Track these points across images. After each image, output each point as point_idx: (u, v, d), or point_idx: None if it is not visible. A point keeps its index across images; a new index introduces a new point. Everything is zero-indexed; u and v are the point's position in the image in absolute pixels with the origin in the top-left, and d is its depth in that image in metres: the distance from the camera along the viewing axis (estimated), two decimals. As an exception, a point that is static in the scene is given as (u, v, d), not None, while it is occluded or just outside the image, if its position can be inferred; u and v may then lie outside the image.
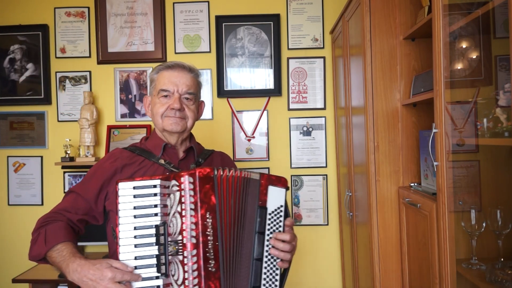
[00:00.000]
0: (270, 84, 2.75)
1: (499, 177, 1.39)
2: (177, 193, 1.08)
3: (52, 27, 2.83)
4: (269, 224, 1.16)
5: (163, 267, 1.05)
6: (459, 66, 1.39)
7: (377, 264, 1.81)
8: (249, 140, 2.79)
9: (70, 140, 2.70)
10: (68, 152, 2.66)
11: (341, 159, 2.58)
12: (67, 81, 2.83)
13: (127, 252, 1.06)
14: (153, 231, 1.07)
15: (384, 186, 1.81)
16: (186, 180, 1.08)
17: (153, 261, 1.06)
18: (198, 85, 1.42)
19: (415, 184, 1.78)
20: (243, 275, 1.12)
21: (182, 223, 1.06)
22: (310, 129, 2.79)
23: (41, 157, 2.84)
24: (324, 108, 2.78)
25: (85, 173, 2.80)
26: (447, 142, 1.33)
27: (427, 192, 1.57)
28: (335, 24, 2.53)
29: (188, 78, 1.36)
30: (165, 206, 1.10)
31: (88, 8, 2.82)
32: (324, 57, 2.77)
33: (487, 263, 1.29)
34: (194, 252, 1.05)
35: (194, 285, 1.03)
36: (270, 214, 1.17)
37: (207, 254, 1.06)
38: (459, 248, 1.38)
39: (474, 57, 1.38)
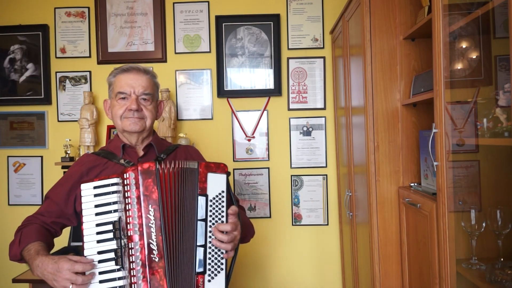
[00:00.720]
0: (270, 84, 2.75)
1: (499, 177, 1.39)
2: (122, 188, 1.16)
3: (52, 27, 2.83)
4: (211, 211, 1.20)
5: (119, 260, 1.12)
6: (459, 66, 1.39)
7: (377, 264, 1.81)
8: (249, 140, 2.79)
9: (70, 140, 2.70)
10: (68, 152, 2.66)
11: (341, 159, 2.58)
12: (67, 81, 2.83)
13: (90, 248, 1.14)
14: (111, 227, 1.14)
15: (384, 186, 1.81)
16: (129, 175, 1.15)
17: (112, 255, 1.13)
18: (154, 86, 1.47)
19: (415, 184, 1.78)
20: (187, 262, 1.17)
21: (127, 216, 1.13)
22: (310, 129, 2.79)
23: (41, 157, 2.84)
24: (324, 108, 2.78)
25: (85, 173, 2.81)
26: (447, 142, 1.33)
27: (427, 192, 1.57)
28: (335, 24, 2.53)
29: (144, 79, 1.42)
30: (122, 202, 1.17)
31: (88, 8, 2.82)
32: (324, 57, 2.77)
33: (487, 263, 1.29)
34: (139, 243, 1.12)
35: (140, 274, 1.11)
36: (211, 200, 1.20)
37: (151, 245, 1.12)
38: (459, 248, 1.38)
39: (474, 57, 1.38)
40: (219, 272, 1.19)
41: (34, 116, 2.85)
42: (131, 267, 1.11)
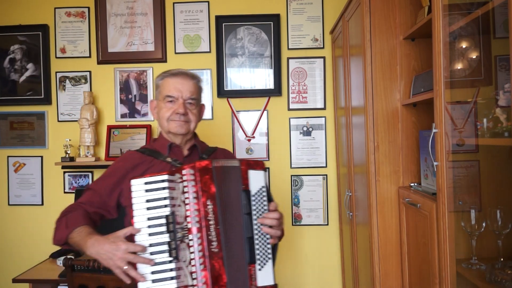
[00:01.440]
0: (270, 84, 2.75)
1: (499, 177, 1.39)
2: (181, 184, 1.20)
3: (52, 27, 2.83)
4: (254, 205, 1.27)
5: (174, 252, 1.15)
6: (459, 66, 1.39)
7: (377, 264, 1.81)
8: (249, 140, 2.79)
9: (70, 140, 2.70)
10: (68, 152, 2.66)
11: (341, 159, 2.59)
12: (67, 81, 2.83)
13: (142, 241, 1.17)
14: (163, 220, 1.17)
15: (384, 186, 1.81)
16: (187, 172, 1.20)
17: (166, 247, 1.16)
18: (199, 91, 1.54)
19: (415, 184, 1.78)
20: (239, 253, 1.23)
21: (186, 210, 1.18)
22: (310, 129, 2.79)
23: (41, 157, 2.84)
24: (324, 108, 2.78)
25: (85, 173, 2.81)
26: (447, 142, 1.33)
27: (427, 192, 1.57)
28: (335, 24, 2.53)
29: (191, 84, 1.48)
30: (173, 197, 1.20)
31: (88, 8, 2.82)
32: (324, 57, 2.77)
33: (487, 263, 1.29)
34: (198, 235, 1.17)
35: (200, 264, 1.15)
36: (253, 195, 1.28)
37: (209, 237, 1.17)
38: (459, 248, 1.38)
39: (474, 57, 1.38)
40: (267, 261, 1.26)
41: (34, 116, 2.85)
42: (191, 257, 1.16)
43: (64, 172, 2.82)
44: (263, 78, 2.76)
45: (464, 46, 1.39)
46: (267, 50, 2.76)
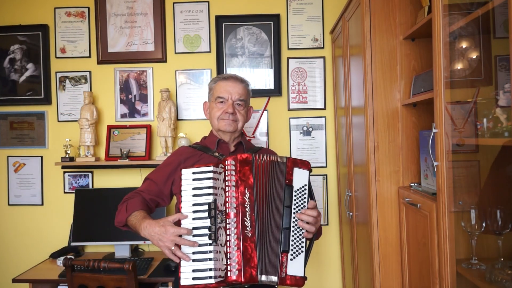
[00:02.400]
0: (270, 84, 2.75)
1: (499, 177, 1.39)
2: (222, 174, 1.32)
3: (52, 27, 2.83)
4: (295, 200, 1.37)
5: (213, 235, 1.28)
6: (459, 66, 1.39)
7: (377, 264, 1.81)
8: (249, 140, 2.78)
9: (70, 140, 2.70)
10: (68, 152, 2.66)
11: (341, 159, 2.58)
12: (67, 81, 2.83)
13: (186, 224, 1.31)
14: (206, 207, 1.30)
15: (384, 186, 1.81)
16: (229, 162, 1.31)
17: (206, 231, 1.29)
18: (248, 93, 1.70)
19: (415, 184, 1.78)
20: (273, 241, 1.32)
21: (226, 196, 1.29)
22: (310, 129, 2.79)
23: (41, 157, 2.84)
24: (324, 108, 2.78)
25: (85, 173, 2.82)
26: (447, 142, 1.33)
27: (427, 192, 1.57)
28: (335, 24, 2.53)
29: (240, 87, 1.65)
30: (216, 187, 1.33)
31: (88, 8, 2.82)
32: (324, 57, 2.77)
33: (487, 263, 1.29)
34: (235, 219, 1.27)
35: (234, 246, 1.25)
36: (295, 191, 1.38)
37: (245, 222, 1.28)
38: (459, 248, 1.38)
39: (474, 57, 1.38)
40: (300, 253, 1.35)
41: (34, 116, 2.85)
42: (227, 239, 1.26)
43: (64, 172, 2.82)
44: (263, 78, 2.76)
45: (464, 46, 1.39)
46: (267, 50, 2.76)
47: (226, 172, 1.30)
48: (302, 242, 1.37)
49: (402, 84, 1.80)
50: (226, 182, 1.30)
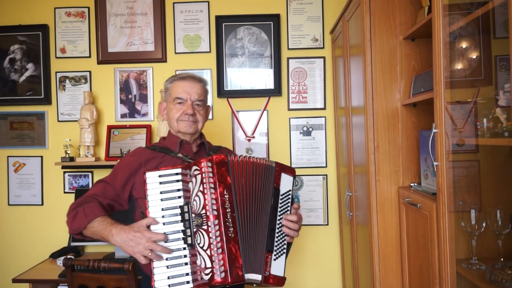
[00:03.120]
0: (270, 84, 2.75)
1: (499, 177, 1.39)
2: (199, 176, 1.27)
3: (52, 27, 2.83)
4: (281, 203, 1.39)
5: (189, 239, 1.25)
6: (459, 66, 1.39)
7: (377, 264, 1.81)
8: (249, 140, 2.79)
9: (70, 140, 2.70)
10: (68, 152, 2.66)
11: (341, 159, 2.58)
12: (67, 81, 2.83)
13: (157, 229, 1.26)
14: (178, 210, 1.27)
15: (384, 186, 1.81)
16: (205, 164, 1.28)
17: (180, 235, 1.26)
18: (206, 93, 1.66)
19: (415, 184, 1.78)
20: (258, 239, 1.31)
21: (205, 199, 1.25)
22: (310, 129, 2.79)
23: (41, 157, 2.84)
24: (324, 108, 2.78)
25: (85, 173, 2.81)
26: (447, 142, 1.33)
27: (427, 192, 1.57)
28: (335, 24, 2.53)
29: (198, 87, 1.60)
30: (187, 189, 1.29)
31: (88, 8, 2.82)
32: (324, 57, 2.77)
33: (487, 263, 1.29)
34: (216, 221, 1.24)
35: (218, 248, 1.22)
36: (282, 195, 1.40)
37: (227, 223, 1.25)
38: (459, 248, 1.38)
39: (474, 57, 1.38)
40: (282, 254, 1.36)
41: (34, 116, 2.85)
42: (210, 242, 1.22)
43: (64, 172, 2.82)
44: (263, 78, 2.76)
45: (464, 46, 1.39)
46: (267, 50, 2.76)
47: (203, 174, 1.26)
48: (285, 243, 1.39)
49: (402, 84, 1.80)
50: (204, 185, 1.26)
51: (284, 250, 1.38)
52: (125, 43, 2.80)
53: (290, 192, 1.43)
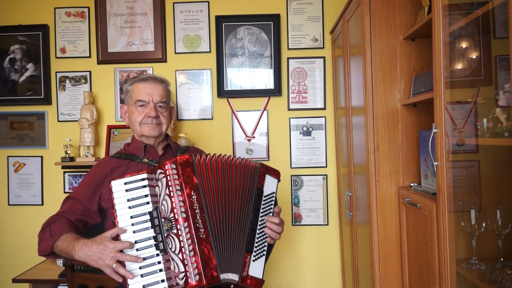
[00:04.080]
0: (270, 84, 2.75)
1: (499, 177, 1.39)
2: (164, 179, 1.23)
3: (52, 27, 2.83)
4: (263, 204, 1.38)
5: (161, 245, 1.21)
6: (459, 66, 1.39)
7: (377, 264, 1.81)
8: (249, 140, 2.79)
9: (70, 140, 2.70)
10: (68, 152, 2.66)
11: (341, 159, 2.58)
12: (67, 81, 2.83)
13: (128, 238, 1.22)
14: (147, 217, 1.24)
15: (384, 186, 1.81)
16: (169, 166, 1.23)
17: (151, 242, 1.22)
18: (168, 94, 1.60)
19: (415, 184, 1.78)
20: (235, 238, 1.29)
21: (172, 202, 1.21)
22: (310, 129, 2.79)
23: (41, 157, 2.84)
24: (324, 108, 2.78)
25: (85, 173, 2.81)
26: (447, 142, 1.33)
27: (427, 192, 1.57)
28: (335, 24, 2.53)
29: (160, 88, 1.54)
30: (154, 194, 1.26)
31: (88, 8, 2.82)
32: (324, 57, 2.77)
33: (487, 263, 1.29)
34: (186, 224, 1.20)
35: (190, 251, 1.18)
36: (265, 196, 1.39)
37: (197, 224, 1.21)
38: (459, 248, 1.38)
39: (474, 57, 1.38)
40: (262, 255, 1.35)
41: (34, 116, 2.85)
42: (181, 245, 1.18)
43: (64, 172, 2.82)
44: (263, 78, 2.76)
45: (464, 46, 1.39)
46: (267, 50, 2.76)
47: (168, 177, 1.22)
48: (265, 245, 1.37)
49: (402, 84, 1.80)
50: (170, 188, 1.21)
51: (264, 252, 1.36)
52: (125, 43, 2.80)
53: (274, 194, 1.42)
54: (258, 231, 1.34)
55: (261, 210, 1.37)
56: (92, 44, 2.82)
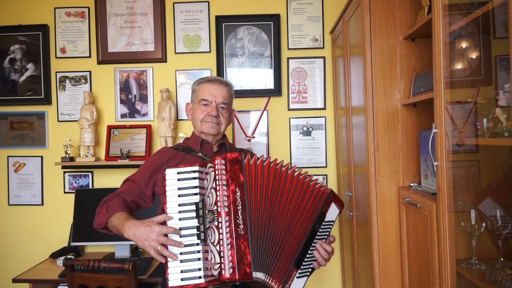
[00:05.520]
0: (270, 84, 2.75)
1: (499, 177, 1.39)
2: (212, 173, 1.30)
3: (52, 27, 2.83)
4: (322, 228, 1.41)
5: (202, 235, 1.26)
6: (459, 66, 1.39)
7: (377, 264, 1.81)
8: (249, 140, 2.79)
9: (70, 140, 2.70)
10: (68, 152, 2.66)
11: (341, 159, 2.58)
12: (67, 81, 2.83)
13: (173, 225, 1.29)
14: (193, 207, 1.29)
15: (384, 186, 1.81)
16: (219, 161, 1.29)
17: (194, 231, 1.28)
18: (231, 97, 1.70)
19: (415, 184, 1.78)
20: (283, 249, 1.32)
21: (217, 195, 1.27)
22: (310, 129, 2.79)
23: (41, 157, 2.84)
24: (324, 108, 2.78)
25: (85, 173, 2.82)
26: (447, 142, 1.33)
27: (427, 192, 1.57)
28: (335, 24, 2.54)
29: (224, 90, 1.65)
30: (203, 187, 1.32)
31: (88, 8, 2.82)
32: (324, 57, 2.77)
33: (487, 263, 1.29)
34: (227, 218, 1.25)
35: (227, 244, 1.23)
36: (325, 222, 1.42)
37: (237, 220, 1.25)
38: (459, 248, 1.38)
39: (474, 57, 1.38)
40: (306, 275, 1.38)
41: (34, 116, 2.85)
42: (220, 238, 1.23)
43: (64, 172, 2.82)
44: (263, 78, 2.76)
45: (464, 46, 1.39)
46: (267, 50, 2.76)
47: (217, 171, 1.28)
48: (311, 266, 1.40)
49: (402, 84, 1.80)
50: (217, 181, 1.28)
51: (309, 273, 1.39)
52: (125, 43, 2.80)
53: (332, 223, 1.44)
54: (309, 252, 1.37)
55: (318, 233, 1.39)
56: (92, 44, 2.82)
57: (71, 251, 2.66)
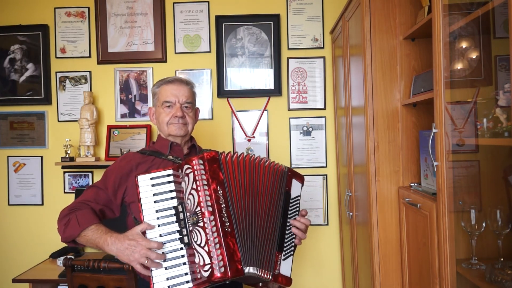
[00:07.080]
0: (270, 84, 2.75)
1: (499, 177, 1.39)
2: (191, 174, 1.27)
3: (52, 27, 2.83)
4: (291, 207, 1.44)
5: (185, 238, 1.25)
6: (459, 66, 1.39)
7: (377, 264, 1.81)
8: (249, 140, 2.79)
9: (70, 140, 2.70)
10: (68, 152, 2.66)
11: (341, 159, 2.58)
12: (67, 81, 2.83)
13: (153, 231, 1.26)
14: (172, 211, 1.27)
15: (384, 186, 1.81)
16: (196, 162, 1.28)
17: (176, 235, 1.26)
18: (194, 95, 1.66)
19: (415, 184, 1.78)
20: (264, 237, 1.34)
21: (199, 196, 1.25)
22: (310, 129, 2.79)
23: (41, 157, 2.84)
24: (324, 108, 2.78)
25: (85, 173, 2.81)
26: (447, 142, 1.33)
27: (427, 192, 1.57)
28: (335, 24, 2.53)
29: (186, 90, 1.61)
30: (179, 190, 1.29)
31: (88, 8, 2.82)
32: (324, 57, 2.77)
33: (487, 263, 1.29)
34: (212, 217, 1.23)
35: (216, 244, 1.21)
36: (292, 199, 1.45)
37: (222, 218, 1.25)
38: (459, 248, 1.38)
39: (474, 57, 1.38)
40: (290, 255, 1.41)
41: (34, 116, 2.85)
42: (207, 238, 1.21)
43: (64, 172, 2.82)
44: (263, 78, 2.76)
45: (464, 46, 1.39)
46: (267, 50, 2.76)
47: (196, 172, 1.26)
48: (293, 245, 1.43)
49: (402, 84, 1.80)
50: (197, 182, 1.25)
51: (292, 252, 1.42)
52: (125, 43, 2.80)
53: (299, 198, 1.48)
54: (287, 232, 1.40)
55: (289, 212, 1.42)
56: (92, 44, 2.82)
57: (71, 251, 2.66)
